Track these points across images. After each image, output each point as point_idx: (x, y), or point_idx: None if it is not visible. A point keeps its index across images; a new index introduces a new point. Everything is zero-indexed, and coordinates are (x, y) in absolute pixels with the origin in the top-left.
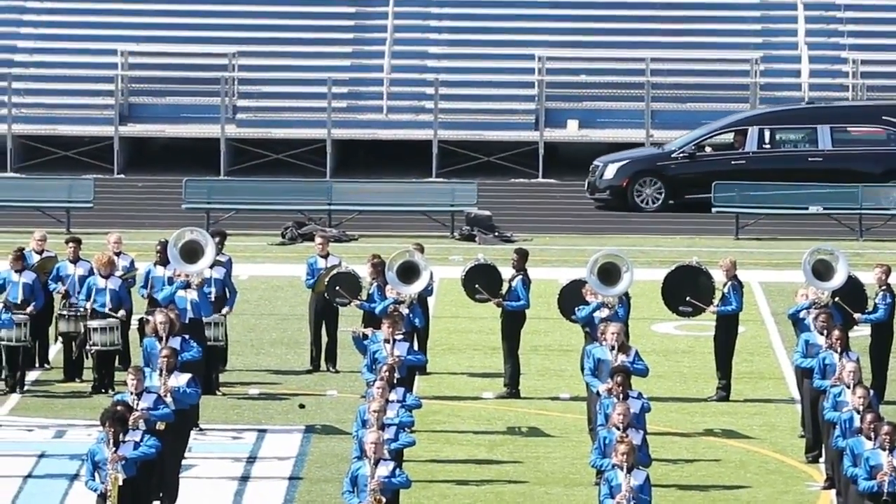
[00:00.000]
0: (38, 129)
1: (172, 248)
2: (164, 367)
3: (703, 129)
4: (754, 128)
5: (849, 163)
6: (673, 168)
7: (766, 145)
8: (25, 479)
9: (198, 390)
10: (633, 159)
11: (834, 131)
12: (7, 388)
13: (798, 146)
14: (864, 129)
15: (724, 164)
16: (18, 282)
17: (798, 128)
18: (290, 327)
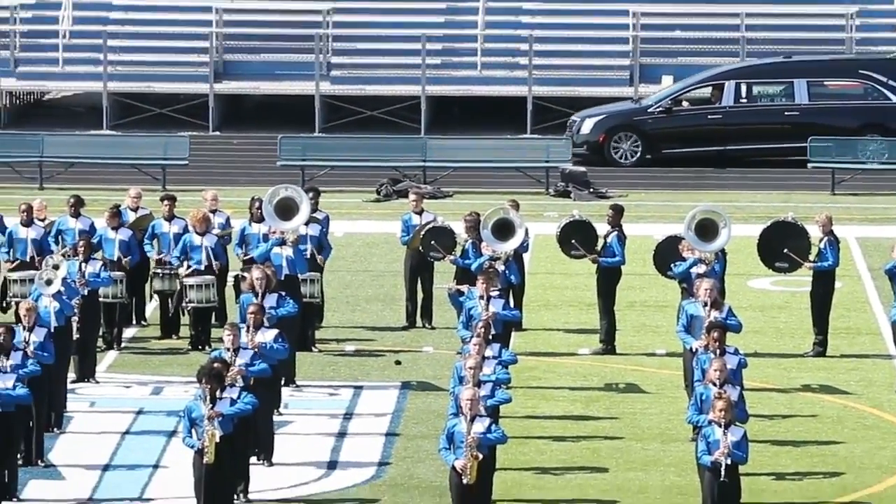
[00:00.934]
0: (134, 87)
1: (267, 205)
2: (251, 323)
3: (681, 84)
4: (731, 82)
5: (825, 117)
6: (650, 123)
7: (743, 100)
8: (123, 435)
9: (285, 346)
10: (609, 114)
11: (811, 86)
12: (105, 344)
13: (775, 101)
14: (842, 83)
15: (700, 118)
16: (114, 239)
17: (775, 82)
18: (386, 283)
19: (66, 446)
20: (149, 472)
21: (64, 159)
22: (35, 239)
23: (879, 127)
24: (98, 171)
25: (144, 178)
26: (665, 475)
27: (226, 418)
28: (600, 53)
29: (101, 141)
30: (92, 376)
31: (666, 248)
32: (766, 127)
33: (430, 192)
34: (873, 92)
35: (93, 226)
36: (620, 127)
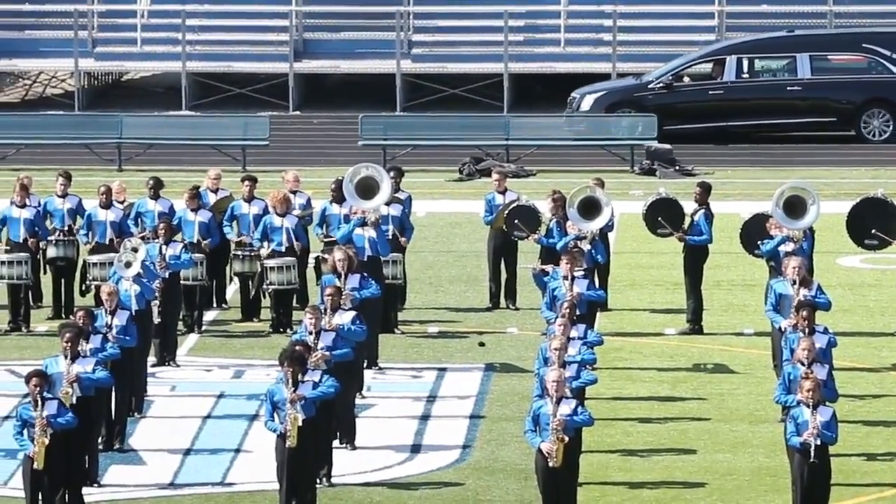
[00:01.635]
0: (213, 67)
1: (348, 185)
2: (329, 306)
3: (682, 59)
4: (732, 57)
5: (829, 92)
6: (650, 99)
7: (745, 75)
8: (205, 419)
9: (363, 328)
10: (609, 90)
11: (814, 60)
12: (185, 327)
13: (777, 75)
14: (845, 57)
15: (701, 94)
16: (194, 221)
17: (777, 56)
18: (469, 264)
19: (148, 431)
20: (230, 456)
21: (143, 141)
22: (114, 221)
23: (884, 102)
24: (177, 152)
25: (224, 159)
26: (754, 457)
27: (308, 402)
28: (684, 29)
29: (180, 122)
30: (173, 360)
31: (753, 225)
32: (769, 102)
33: (513, 171)
34: (877, 66)
35: (172, 208)
36: (621, 103)
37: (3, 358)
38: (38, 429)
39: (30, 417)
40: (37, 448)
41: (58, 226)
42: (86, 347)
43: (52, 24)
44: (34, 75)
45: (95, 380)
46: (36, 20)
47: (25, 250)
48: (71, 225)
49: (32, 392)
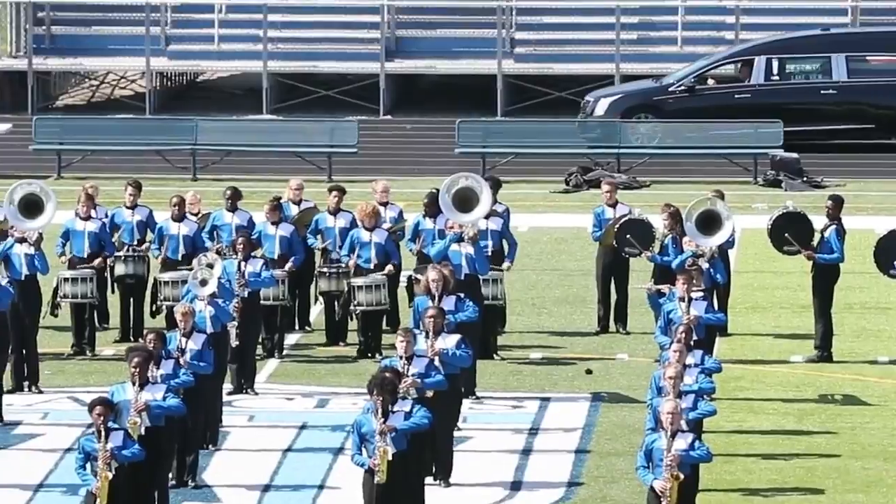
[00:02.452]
0: (297, 67)
1: (444, 197)
2: (431, 329)
3: (706, 60)
4: (761, 57)
5: (866, 95)
6: (671, 103)
7: (775, 77)
8: (285, 452)
9: (468, 352)
10: (626, 94)
11: (850, 61)
12: (265, 351)
13: (810, 78)
14: (885, 57)
15: (726, 98)
16: (275, 235)
17: (810, 57)
18: (576, 284)
19: (223, 465)
20: (313, 493)
21: (219, 147)
22: (188, 235)
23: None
24: (257, 159)
25: (308, 167)
26: (888, 497)
27: (399, 434)
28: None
29: (260, 126)
30: (251, 387)
31: (889, 243)
32: (801, 107)
33: (624, 182)
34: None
35: (251, 221)
36: (638, 108)
37: (66, 384)
38: (102, 462)
39: (93, 450)
40: (100, 483)
41: (126, 240)
42: (156, 373)
43: (122, 19)
44: (102, 75)
45: (166, 408)
46: (104, 15)
47: (91, 267)
48: (141, 239)
49: (96, 422)
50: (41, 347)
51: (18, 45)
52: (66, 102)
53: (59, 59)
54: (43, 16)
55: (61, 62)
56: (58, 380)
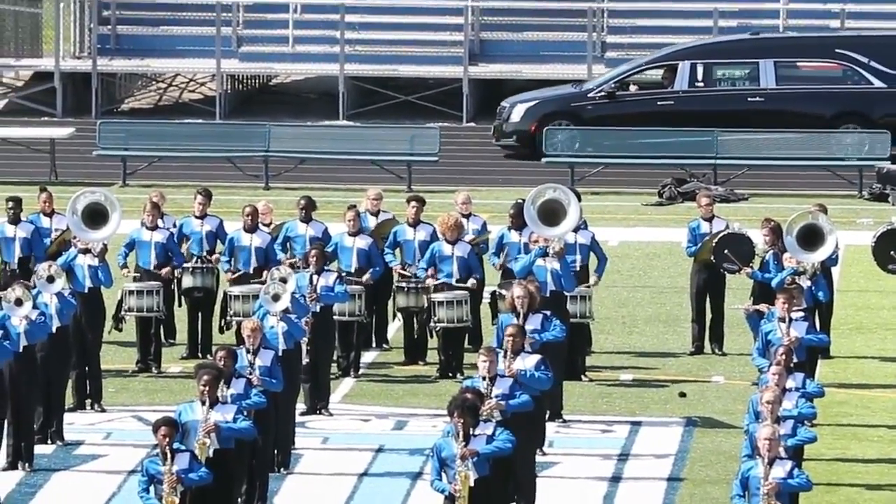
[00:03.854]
0: (375, 70)
1: (530, 209)
2: (510, 348)
3: (628, 65)
4: (685, 62)
5: (795, 103)
6: (589, 109)
7: (699, 83)
8: (361, 477)
9: (548, 374)
10: (542, 100)
11: (779, 67)
12: (340, 370)
13: (736, 84)
14: (816, 64)
15: (648, 104)
16: (352, 247)
17: (737, 63)
18: (669, 301)
19: (295, 489)
20: None
21: (293, 154)
22: (259, 247)
23: (858, 115)
24: (333, 167)
25: (387, 176)
26: None
27: (481, 458)
28: None
29: (336, 133)
30: (325, 408)
31: (888, 240)
32: (726, 114)
33: (721, 195)
34: (853, 75)
35: (326, 232)
36: (555, 114)
37: (130, 402)
38: (167, 486)
39: (157, 472)
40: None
41: (195, 251)
42: (226, 393)
43: (192, 19)
44: (170, 78)
45: (236, 430)
46: (173, 15)
47: (157, 279)
48: (210, 250)
49: (161, 443)
50: (104, 363)
51: (82, 46)
52: (131, 106)
53: (124, 60)
54: (108, 15)
55: (127, 63)
56: (122, 398)
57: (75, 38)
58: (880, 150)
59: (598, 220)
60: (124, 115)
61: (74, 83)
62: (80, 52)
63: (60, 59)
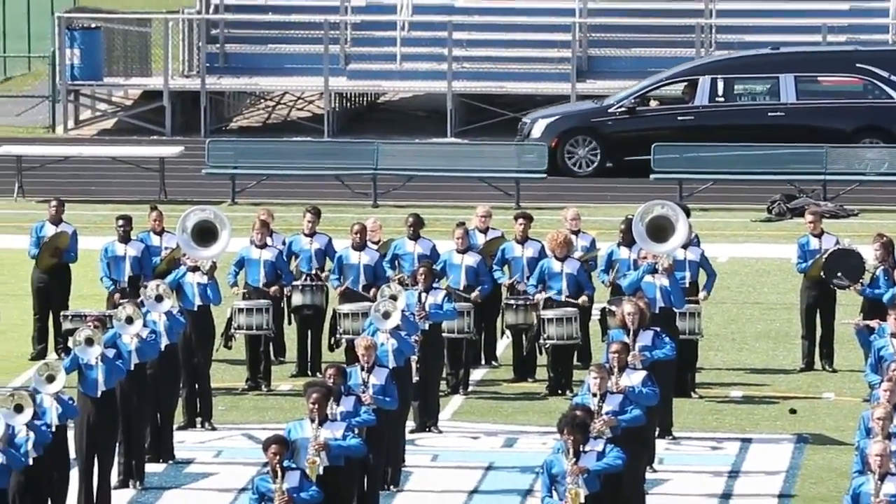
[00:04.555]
0: (483, 87)
1: (638, 225)
2: (616, 364)
3: (650, 80)
4: (706, 77)
5: (816, 118)
6: (610, 125)
7: (720, 98)
8: (470, 494)
9: (655, 390)
10: (564, 115)
11: (799, 81)
12: (449, 387)
13: (757, 99)
14: (836, 79)
15: (669, 120)
16: (460, 265)
17: (758, 78)
18: (778, 318)
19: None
20: None
21: (401, 172)
22: (368, 265)
23: (879, 130)
24: (441, 185)
25: (495, 193)
26: None
27: (591, 475)
28: None
29: (444, 150)
30: (434, 425)
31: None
32: (746, 130)
33: (831, 211)
34: (873, 89)
35: (434, 249)
36: (576, 130)
37: (240, 420)
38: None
39: (268, 490)
40: None
41: (304, 269)
42: (336, 410)
43: (300, 37)
44: (278, 96)
45: (346, 448)
46: (281, 33)
47: (266, 297)
48: (319, 268)
49: (271, 461)
50: (214, 382)
51: (191, 64)
52: (240, 124)
53: (233, 78)
54: (217, 33)
55: (235, 82)
56: (231, 416)
57: (184, 57)
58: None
59: (707, 236)
60: (233, 134)
61: (183, 102)
62: (188, 71)
63: (169, 78)
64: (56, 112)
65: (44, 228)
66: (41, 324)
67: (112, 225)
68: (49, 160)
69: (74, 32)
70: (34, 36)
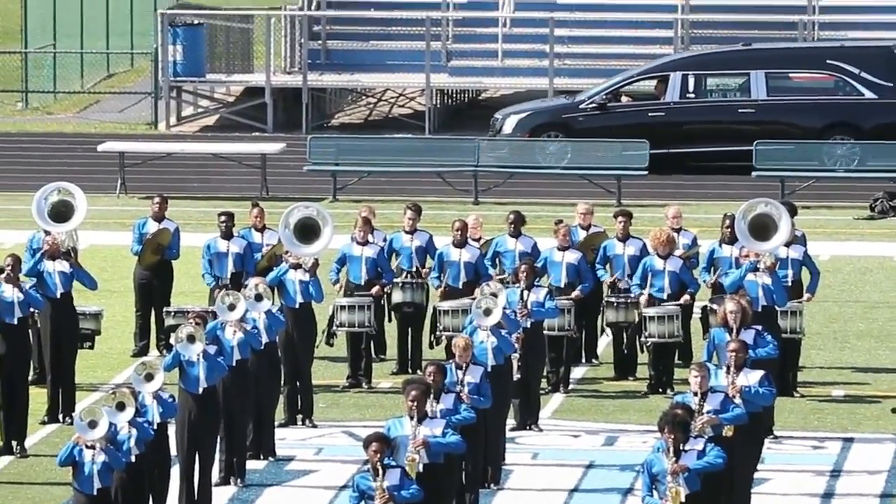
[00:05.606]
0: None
1: (740, 223)
2: (733, 363)
3: (622, 75)
4: (677, 74)
5: (786, 115)
6: (580, 121)
7: (690, 94)
8: (571, 493)
9: (772, 390)
10: (535, 111)
11: (770, 78)
12: (549, 385)
13: (728, 95)
14: (807, 75)
15: (639, 116)
16: (561, 262)
17: (728, 74)
18: (881, 317)
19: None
20: None
21: (502, 169)
22: (469, 262)
23: (849, 127)
24: (542, 182)
25: (596, 190)
26: None
27: (692, 474)
28: None
29: (545, 147)
30: (535, 423)
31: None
32: (716, 126)
33: None
34: (844, 86)
35: (536, 247)
36: (547, 126)
37: (340, 418)
38: (379, 502)
39: (368, 488)
40: None
41: (405, 266)
42: (435, 408)
43: (402, 33)
44: (380, 93)
45: (445, 445)
46: (382, 30)
47: (368, 294)
48: (420, 265)
49: (372, 459)
50: (315, 379)
51: (293, 61)
52: (341, 121)
53: (334, 75)
54: (319, 30)
55: (337, 78)
56: (332, 413)
57: (286, 54)
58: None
59: (809, 234)
60: (334, 130)
61: (285, 98)
62: (290, 68)
63: (271, 75)
64: (158, 109)
65: (146, 225)
66: (143, 320)
67: (214, 221)
68: (151, 157)
69: (177, 29)
70: (137, 33)
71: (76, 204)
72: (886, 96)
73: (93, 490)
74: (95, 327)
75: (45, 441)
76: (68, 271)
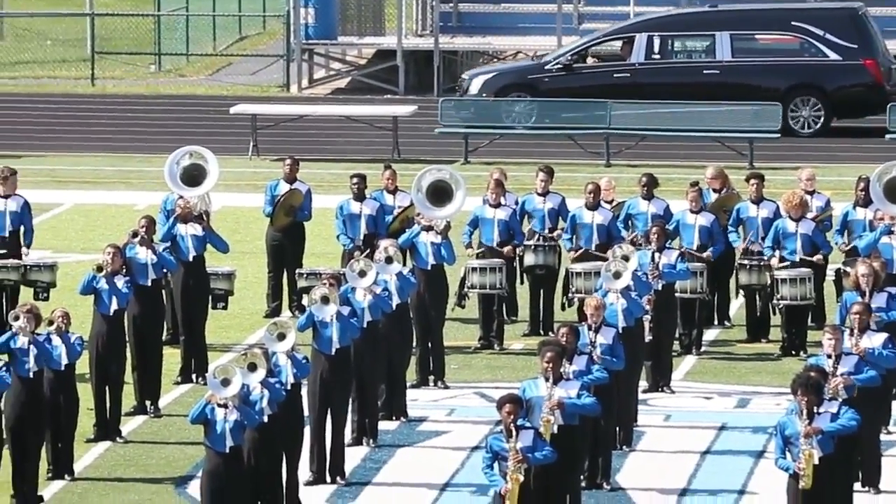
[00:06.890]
0: None
1: (875, 186)
2: (857, 326)
3: (588, 37)
4: (642, 35)
5: (751, 76)
6: (546, 82)
7: (656, 55)
8: (703, 455)
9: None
10: (500, 72)
11: (735, 39)
12: (682, 347)
13: (692, 57)
14: (772, 36)
15: (605, 77)
16: (694, 224)
17: (694, 35)
18: None
19: (637, 467)
20: (733, 498)
21: (634, 131)
22: (601, 224)
23: (814, 88)
24: (673, 144)
25: (727, 153)
26: None
27: (825, 436)
28: None
29: (676, 111)
30: (667, 385)
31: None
32: (681, 87)
33: None
34: (809, 48)
35: (668, 209)
36: (512, 87)
37: (472, 379)
38: (512, 463)
39: (501, 449)
40: (510, 485)
41: (537, 229)
42: (569, 369)
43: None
44: (511, 55)
45: (580, 406)
46: None
47: (500, 256)
48: (552, 228)
49: (505, 420)
50: (447, 340)
51: (424, 24)
52: None
53: (466, 37)
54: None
55: (469, 41)
56: (464, 374)
57: (417, 16)
58: None
59: None
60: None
61: (416, 61)
62: (422, 30)
63: (403, 38)
64: (290, 71)
65: (278, 187)
66: (275, 281)
67: (346, 184)
68: (283, 119)
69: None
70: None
71: (208, 168)
72: (851, 58)
73: (225, 448)
74: (228, 287)
75: (179, 401)
76: (200, 234)
